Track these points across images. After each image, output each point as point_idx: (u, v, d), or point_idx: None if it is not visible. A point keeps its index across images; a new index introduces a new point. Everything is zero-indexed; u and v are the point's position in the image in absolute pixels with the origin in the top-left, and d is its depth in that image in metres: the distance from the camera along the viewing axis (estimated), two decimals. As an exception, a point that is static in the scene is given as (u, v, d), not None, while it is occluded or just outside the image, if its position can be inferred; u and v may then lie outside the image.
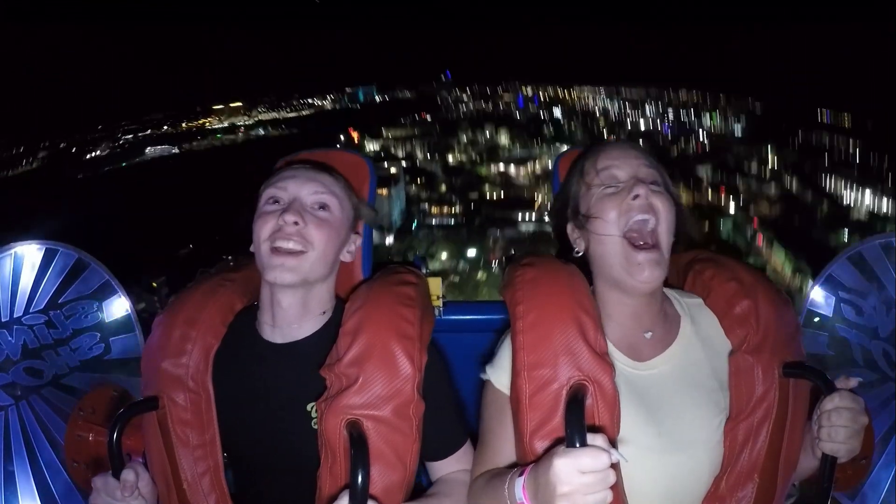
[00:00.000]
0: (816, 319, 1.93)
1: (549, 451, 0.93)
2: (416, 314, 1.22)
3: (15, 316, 1.67)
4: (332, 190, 1.29)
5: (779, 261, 41.08)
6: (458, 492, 1.22)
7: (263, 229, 1.23)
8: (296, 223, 1.22)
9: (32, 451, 1.65)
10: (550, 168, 1.71)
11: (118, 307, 1.73)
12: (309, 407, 1.22)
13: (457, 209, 51.92)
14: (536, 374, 1.10)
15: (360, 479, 0.96)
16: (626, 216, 1.18)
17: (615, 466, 0.88)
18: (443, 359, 1.30)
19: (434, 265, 44.36)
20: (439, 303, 1.66)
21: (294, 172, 1.30)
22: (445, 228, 49.81)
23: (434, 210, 51.90)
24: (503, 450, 1.17)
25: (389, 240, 46.59)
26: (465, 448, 1.29)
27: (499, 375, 1.20)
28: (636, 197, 1.18)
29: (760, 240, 44.83)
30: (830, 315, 1.91)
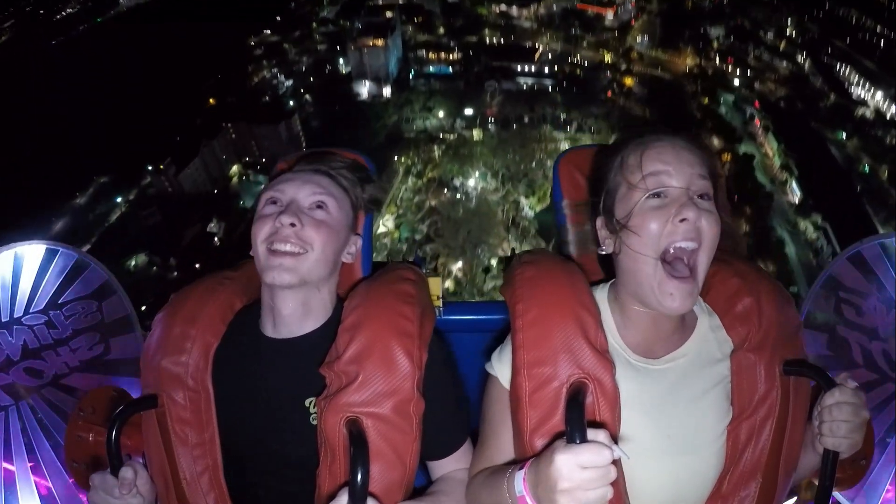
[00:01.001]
0: (816, 319, 1.93)
1: (550, 446, 0.93)
2: (416, 312, 1.22)
3: (15, 316, 1.67)
4: (329, 191, 1.29)
5: (770, 149, 38.39)
6: (457, 491, 1.22)
7: (261, 232, 1.23)
8: (292, 225, 1.21)
9: (32, 451, 1.65)
10: (555, 9, 1.56)
11: (118, 307, 1.73)
12: (307, 402, 1.22)
13: (455, 55, 48.68)
14: (536, 372, 1.10)
15: (359, 477, 0.96)
16: (667, 238, 1.08)
17: (616, 463, 0.88)
18: (445, 357, 1.29)
19: (431, 122, 42.81)
20: (439, 303, 1.66)
21: (292, 175, 1.30)
22: (443, 79, 47.15)
23: (431, 56, 48.89)
24: (504, 448, 1.17)
25: (387, 91, 44.62)
26: (465, 447, 1.29)
27: (506, 373, 1.18)
28: (684, 220, 1.07)
29: (758, 122, 41.08)
30: (830, 315, 1.91)
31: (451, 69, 48.26)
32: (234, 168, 38.69)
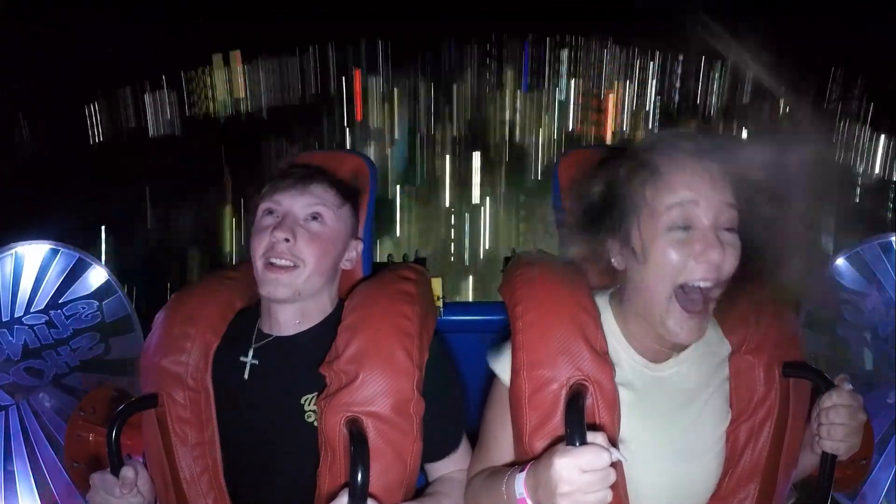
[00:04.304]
0: (816, 320, 1.93)
1: (549, 448, 0.93)
2: (417, 311, 1.22)
3: (15, 316, 1.68)
4: (325, 200, 1.28)
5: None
6: (456, 491, 1.22)
7: (259, 246, 1.24)
8: (286, 240, 1.22)
9: (32, 451, 1.65)
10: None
11: (118, 307, 1.74)
12: (303, 400, 1.22)
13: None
14: (535, 374, 1.10)
15: (359, 477, 0.96)
16: (687, 275, 1.03)
17: (616, 466, 0.88)
18: (445, 357, 1.30)
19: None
20: (440, 303, 1.66)
21: (289, 185, 1.29)
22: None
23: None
24: (505, 449, 1.17)
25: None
26: (463, 449, 1.29)
27: (507, 369, 1.16)
28: (707, 259, 1.02)
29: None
30: (831, 315, 1.91)
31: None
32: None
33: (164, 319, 1.30)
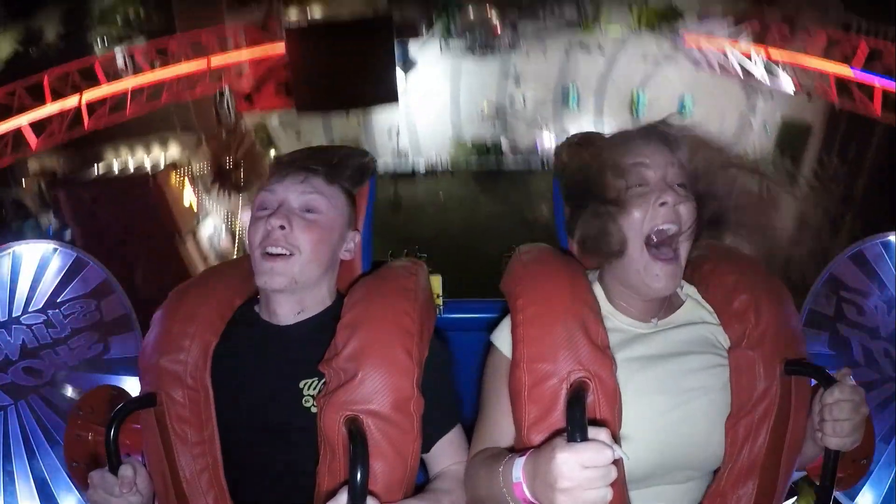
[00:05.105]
0: (818, 318, 1.93)
1: (549, 441, 0.93)
2: (417, 309, 1.22)
3: (13, 316, 1.67)
4: (320, 189, 1.29)
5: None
6: (455, 486, 1.22)
7: (255, 236, 1.25)
8: (281, 227, 1.23)
9: (32, 451, 1.64)
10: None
11: (117, 306, 1.73)
12: (302, 384, 1.22)
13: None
14: (536, 367, 1.10)
15: (359, 475, 0.95)
16: (650, 223, 1.16)
17: (617, 463, 0.88)
18: (444, 352, 1.30)
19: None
20: (439, 301, 1.66)
21: (284, 176, 1.30)
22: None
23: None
24: (506, 419, 1.16)
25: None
26: (459, 442, 1.28)
27: (507, 341, 1.19)
28: (663, 204, 1.15)
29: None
30: (831, 314, 1.91)
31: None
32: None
33: (162, 317, 1.30)
